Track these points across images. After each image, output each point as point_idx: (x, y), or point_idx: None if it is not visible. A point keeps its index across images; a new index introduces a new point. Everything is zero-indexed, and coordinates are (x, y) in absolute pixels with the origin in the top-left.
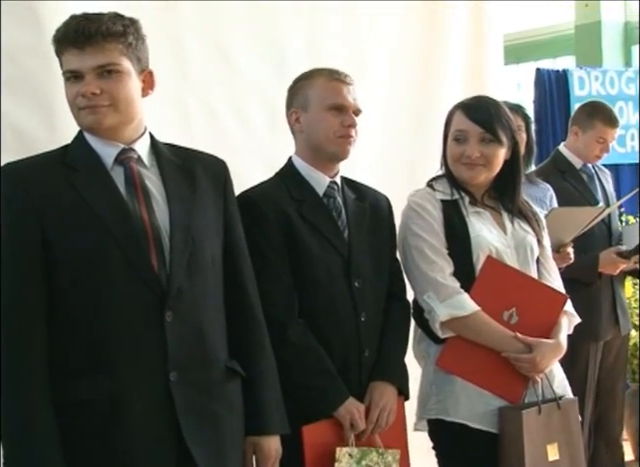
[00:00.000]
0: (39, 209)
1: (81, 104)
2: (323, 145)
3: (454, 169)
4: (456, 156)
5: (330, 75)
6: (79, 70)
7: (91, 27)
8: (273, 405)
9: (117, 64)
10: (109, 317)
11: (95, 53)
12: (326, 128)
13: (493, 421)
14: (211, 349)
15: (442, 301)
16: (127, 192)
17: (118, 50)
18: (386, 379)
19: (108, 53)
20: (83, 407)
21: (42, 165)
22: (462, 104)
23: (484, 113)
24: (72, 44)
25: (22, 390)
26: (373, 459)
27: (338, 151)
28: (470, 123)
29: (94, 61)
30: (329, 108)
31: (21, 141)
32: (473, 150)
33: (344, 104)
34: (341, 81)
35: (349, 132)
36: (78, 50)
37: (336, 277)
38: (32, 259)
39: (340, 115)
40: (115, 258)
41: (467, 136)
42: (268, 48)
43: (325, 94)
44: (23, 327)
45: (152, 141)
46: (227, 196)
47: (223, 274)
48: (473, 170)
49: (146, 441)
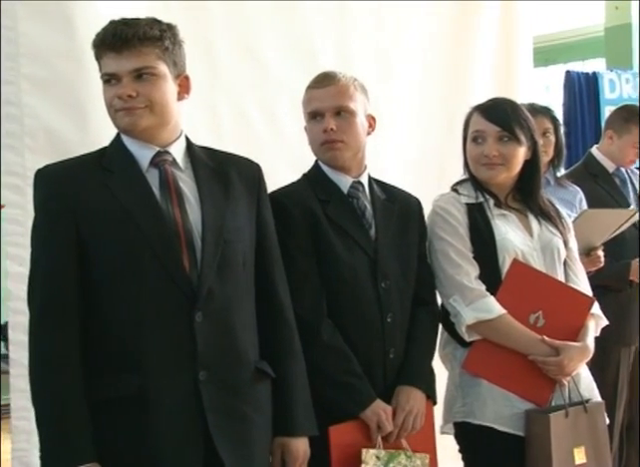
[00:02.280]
0: (75, 209)
1: (117, 106)
2: (317, 155)
3: (474, 170)
4: (475, 156)
5: (310, 84)
6: (116, 73)
7: (128, 32)
8: (302, 407)
9: (153, 67)
10: (140, 317)
11: (132, 57)
12: (311, 138)
13: (520, 424)
14: (241, 350)
15: (468, 305)
16: (161, 194)
17: (154, 54)
18: (413, 384)
19: (144, 57)
20: (112, 404)
21: (79, 166)
22: (478, 105)
23: (501, 112)
24: (110, 48)
25: (56, 387)
26: (401, 462)
27: (326, 158)
28: (486, 123)
29: (130, 64)
30: (309, 118)
31: (53, 143)
32: (490, 149)
33: (317, 109)
34: (315, 86)
35: (329, 137)
36: (115, 54)
37: (362, 277)
38: (67, 259)
39: (318, 123)
40: (147, 259)
41: (484, 136)
42: (298, 49)
43: (304, 104)
44: (57, 326)
45: (187, 144)
46: (261, 199)
47: (255, 277)
48: (492, 169)
49: (173, 439)
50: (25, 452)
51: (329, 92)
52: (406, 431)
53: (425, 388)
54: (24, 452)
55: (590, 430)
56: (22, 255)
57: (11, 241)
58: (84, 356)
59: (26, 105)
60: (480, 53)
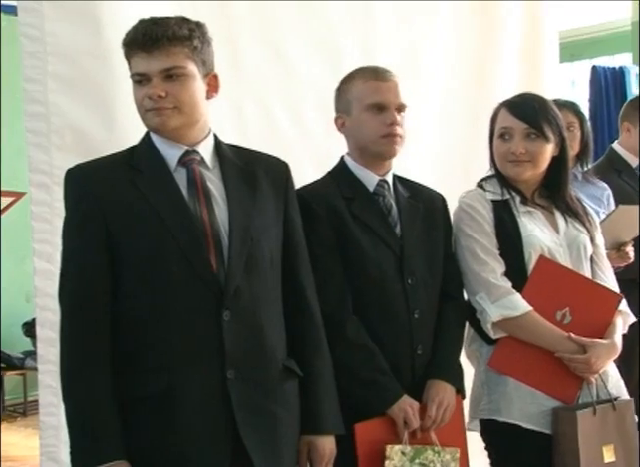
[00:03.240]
0: (105, 209)
1: (147, 106)
2: (369, 146)
3: (501, 166)
4: (502, 153)
5: (366, 75)
6: (146, 73)
7: (158, 31)
8: (329, 405)
9: (182, 67)
10: (168, 315)
11: (161, 56)
12: (368, 129)
13: (547, 422)
14: (269, 348)
15: (494, 302)
16: (189, 193)
17: (184, 53)
18: (442, 378)
19: (174, 56)
20: (141, 403)
21: (108, 166)
22: (506, 101)
23: (529, 109)
24: (140, 47)
25: (86, 386)
26: (428, 457)
27: (384, 150)
28: (514, 119)
29: (160, 64)
30: (368, 108)
31: (80, 140)
32: (518, 146)
33: (383, 102)
34: (378, 79)
35: (392, 130)
36: (145, 53)
37: (388, 274)
38: (97, 258)
39: (381, 113)
40: (175, 258)
41: (512, 132)
42: (323, 48)
43: (363, 94)
44: (87, 325)
45: (216, 142)
46: (288, 197)
47: (282, 275)
48: (519, 166)
49: (201, 437)
50: (53, 448)
51: (391, 87)
52: (436, 424)
53: (454, 382)
54: (52, 448)
55: (619, 428)
56: (49, 253)
57: (38, 239)
58: (113, 354)
59: (53, 103)
60: (506, 49)
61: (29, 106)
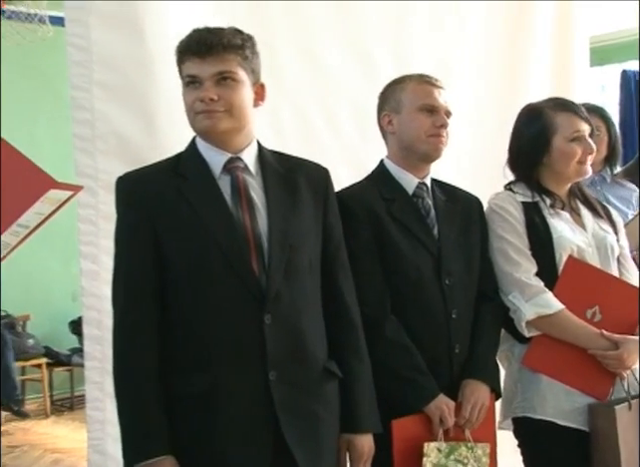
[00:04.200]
0: (152, 216)
1: (198, 108)
2: (415, 144)
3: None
4: (574, 155)
5: (421, 78)
6: (199, 76)
7: (213, 39)
8: (367, 405)
9: (234, 73)
10: (212, 318)
11: (215, 62)
12: (418, 127)
13: (581, 418)
14: (310, 350)
15: (527, 301)
16: (232, 200)
17: (236, 61)
18: (478, 377)
19: (227, 62)
20: (184, 401)
21: (156, 173)
22: (565, 104)
23: (582, 110)
24: (194, 53)
25: (136, 384)
26: (462, 453)
27: (429, 149)
28: (583, 123)
29: (213, 69)
30: (421, 109)
31: (123, 146)
32: (591, 146)
33: (435, 105)
34: (432, 84)
35: (440, 131)
36: (199, 59)
37: (426, 275)
38: (146, 263)
39: (432, 116)
40: (218, 263)
41: (582, 135)
42: (357, 55)
43: (417, 96)
44: (138, 327)
45: (259, 149)
46: (328, 204)
47: (322, 280)
48: (587, 164)
49: (243, 436)
50: (100, 441)
51: (442, 93)
52: (471, 423)
53: (490, 382)
54: (99, 441)
55: None
56: (95, 254)
57: (84, 241)
58: (160, 354)
59: (98, 110)
60: (536, 54)
61: (76, 113)
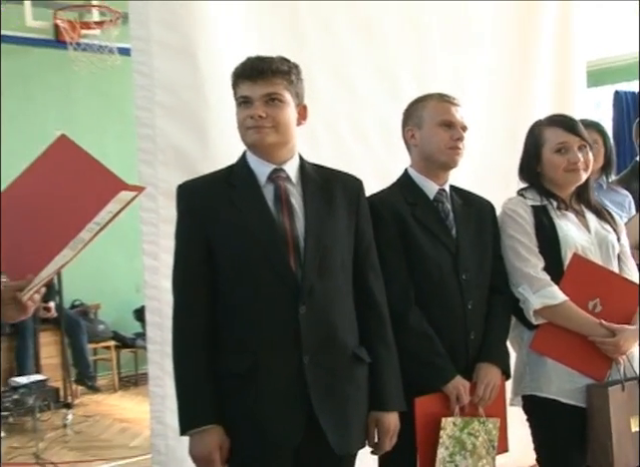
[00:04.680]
0: (206, 219)
1: (249, 124)
2: (435, 155)
3: (557, 176)
4: (560, 164)
5: (440, 97)
6: (250, 96)
7: (264, 65)
8: (393, 387)
9: (280, 94)
10: (254, 308)
11: (265, 84)
12: (438, 141)
13: (581, 397)
14: (340, 338)
15: (535, 292)
16: (274, 206)
17: (282, 84)
18: (490, 361)
19: (274, 85)
20: (230, 379)
21: (210, 182)
22: (554, 120)
23: (577, 125)
24: (247, 77)
25: (191, 362)
26: (474, 427)
27: (448, 160)
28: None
29: (263, 90)
30: (440, 124)
31: (180, 157)
32: (577, 157)
33: (453, 120)
34: (449, 102)
35: (457, 144)
36: (251, 82)
37: (445, 271)
38: (200, 259)
39: (450, 130)
40: (260, 260)
41: (568, 146)
42: (382, 78)
43: (437, 112)
44: (193, 314)
45: (301, 162)
46: (360, 210)
47: (353, 277)
48: (577, 173)
49: (279, 412)
50: (160, 413)
51: (458, 110)
52: (484, 401)
53: (501, 365)
54: (160, 413)
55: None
56: (155, 252)
57: (147, 240)
58: (212, 338)
59: (159, 127)
60: (540, 75)
61: (140, 129)
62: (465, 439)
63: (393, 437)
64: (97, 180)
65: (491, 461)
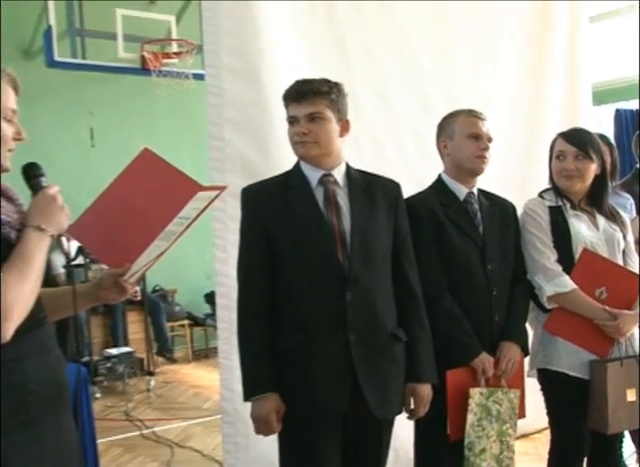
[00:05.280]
0: (266, 217)
1: (296, 140)
2: (465, 163)
3: (556, 180)
4: (558, 170)
5: (469, 112)
6: (296, 116)
7: (306, 88)
8: (426, 361)
9: (321, 113)
10: (307, 294)
11: (307, 105)
12: (467, 151)
13: (586, 371)
14: (380, 320)
15: (548, 281)
16: (324, 205)
17: (323, 104)
18: (512, 339)
19: (316, 105)
20: (287, 354)
21: (270, 185)
22: (562, 132)
23: (578, 138)
24: (293, 99)
25: (253, 337)
26: (498, 396)
27: (476, 167)
28: (567, 145)
29: (306, 110)
30: (469, 136)
31: (245, 165)
32: (570, 165)
33: (480, 133)
34: (477, 117)
35: (484, 153)
36: (297, 103)
37: (474, 262)
38: (261, 251)
39: (477, 141)
40: (313, 253)
41: (565, 154)
42: (417, 97)
43: (466, 126)
44: (255, 296)
45: (347, 168)
46: (398, 211)
47: (392, 268)
48: (570, 180)
49: (329, 382)
50: (229, 381)
51: (485, 124)
52: (506, 374)
53: (520, 343)
54: (228, 381)
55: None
56: (224, 245)
57: (217, 235)
58: (270, 319)
59: (227, 139)
60: (553, 95)
61: (211, 141)
62: (490, 406)
63: (426, 405)
64: (176, 183)
65: (514, 425)
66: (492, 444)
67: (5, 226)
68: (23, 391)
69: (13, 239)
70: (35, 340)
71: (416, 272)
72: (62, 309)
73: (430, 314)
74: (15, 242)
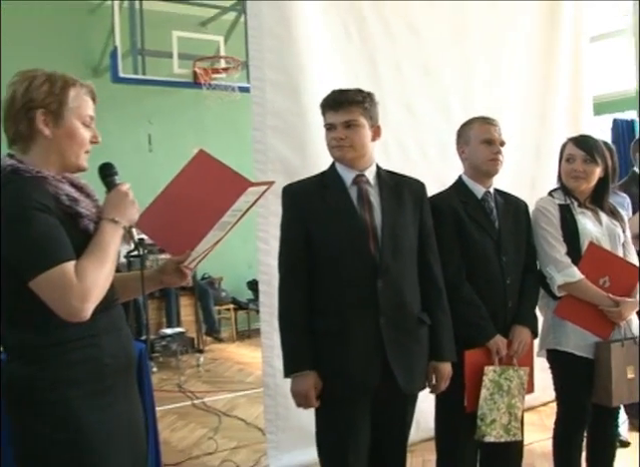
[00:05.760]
0: (304, 214)
1: (333, 144)
2: (480, 166)
3: (565, 181)
4: (566, 172)
5: (483, 120)
6: (333, 123)
7: (342, 97)
8: (447, 342)
9: (356, 120)
10: (342, 281)
11: (343, 113)
12: (481, 155)
13: (591, 351)
14: (408, 305)
15: (559, 272)
16: (357, 203)
17: (358, 111)
18: (523, 323)
19: (351, 113)
20: (323, 336)
21: (308, 184)
22: (572, 138)
23: (586, 143)
24: (330, 108)
25: (293, 320)
26: (510, 373)
27: (490, 169)
28: (576, 149)
29: (342, 118)
30: (482, 142)
31: (285, 166)
32: (577, 167)
33: (492, 138)
34: (489, 123)
35: (497, 157)
36: (334, 111)
37: (489, 254)
38: (300, 244)
39: (490, 146)
40: (347, 246)
41: (574, 158)
42: (438, 106)
43: (480, 132)
44: (294, 284)
45: (377, 169)
46: (422, 207)
47: (417, 258)
48: (577, 181)
49: (362, 360)
50: (270, 358)
51: (497, 129)
52: (517, 354)
53: (531, 327)
54: (269, 358)
55: (638, 355)
56: (266, 238)
57: (260, 229)
58: (308, 304)
59: (269, 143)
60: (559, 106)
61: (255, 145)
62: (502, 382)
63: (447, 381)
64: (230, 180)
65: (522, 399)
66: (502, 415)
67: (84, 218)
68: (99, 363)
69: (91, 231)
70: (109, 319)
71: (438, 263)
72: (131, 291)
73: (450, 300)
74: (92, 234)
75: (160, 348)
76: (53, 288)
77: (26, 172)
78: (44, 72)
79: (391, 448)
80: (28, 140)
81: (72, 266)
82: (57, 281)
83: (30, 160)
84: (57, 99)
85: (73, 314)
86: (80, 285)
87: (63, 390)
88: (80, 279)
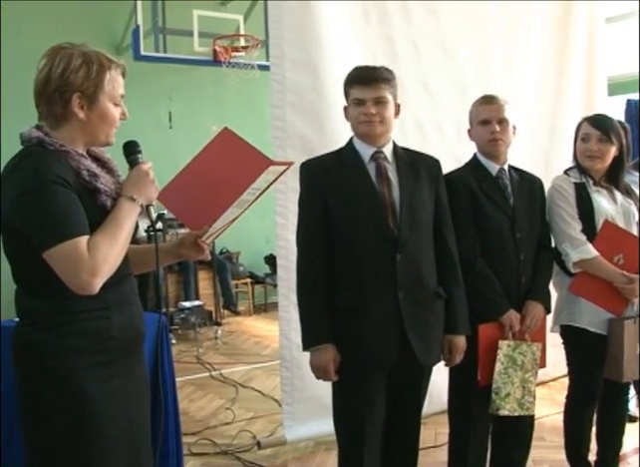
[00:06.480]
0: (323, 188)
1: (362, 119)
2: (482, 147)
3: (580, 160)
4: (582, 151)
5: (482, 99)
6: (363, 98)
7: (373, 73)
8: (462, 316)
9: (385, 97)
10: (361, 257)
11: (374, 89)
12: (480, 137)
13: (604, 327)
14: (425, 279)
15: (574, 249)
16: (376, 179)
17: (386, 89)
18: (536, 299)
19: (381, 90)
20: (342, 310)
21: (326, 161)
22: (587, 117)
23: (601, 122)
24: (360, 83)
25: (312, 295)
26: (523, 348)
27: (491, 149)
28: (591, 128)
29: (374, 94)
30: (479, 123)
31: (304, 143)
32: (593, 146)
33: (486, 118)
34: (487, 103)
35: (495, 136)
36: (364, 86)
37: (504, 230)
38: (318, 219)
39: (487, 126)
40: (366, 220)
41: (589, 137)
42: (455, 85)
43: (477, 114)
44: (313, 259)
45: (394, 146)
46: (438, 184)
47: (433, 233)
48: (592, 160)
49: (381, 332)
50: (287, 332)
51: (494, 108)
52: (530, 329)
53: (544, 302)
54: (286, 331)
55: None
56: (284, 213)
57: (279, 204)
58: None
59: (289, 120)
60: (573, 88)
61: (274, 122)
62: (515, 357)
63: (461, 354)
64: (251, 158)
65: (535, 374)
66: (516, 389)
67: (102, 194)
68: (106, 336)
69: (108, 206)
70: (121, 293)
71: (454, 239)
72: (149, 264)
73: (465, 275)
74: (110, 210)
75: (178, 321)
76: (64, 261)
77: (50, 145)
78: (80, 50)
79: (405, 420)
80: (61, 119)
81: (85, 241)
82: (69, 255)
83: (59, 135)
84: (93, 83)
85: (82, 288)
86: (90, 260)
87: (68, 358)
88: (91, 254)
